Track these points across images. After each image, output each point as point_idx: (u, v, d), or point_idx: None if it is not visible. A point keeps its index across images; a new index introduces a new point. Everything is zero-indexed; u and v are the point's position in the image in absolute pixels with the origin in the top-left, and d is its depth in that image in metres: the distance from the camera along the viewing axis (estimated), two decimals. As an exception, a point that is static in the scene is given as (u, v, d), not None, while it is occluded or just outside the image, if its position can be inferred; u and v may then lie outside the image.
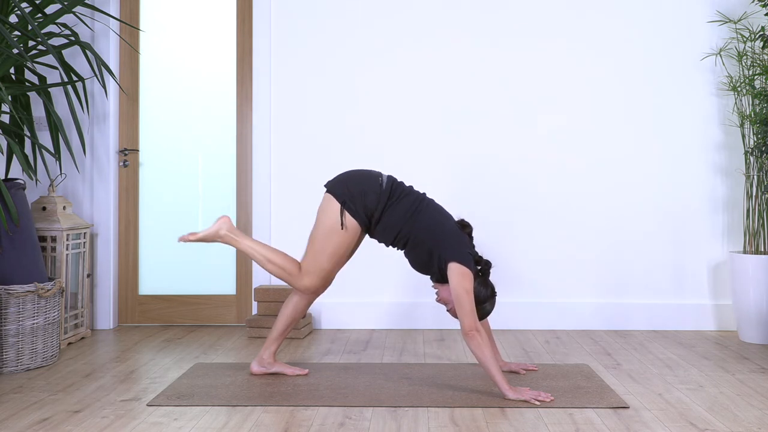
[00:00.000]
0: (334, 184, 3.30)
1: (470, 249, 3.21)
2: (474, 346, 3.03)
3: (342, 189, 3.26)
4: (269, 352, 3.45)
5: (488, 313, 3.24)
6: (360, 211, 3.23)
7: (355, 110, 4.62)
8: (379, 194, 3.24)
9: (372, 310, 4.60)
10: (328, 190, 3.30)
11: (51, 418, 2.84)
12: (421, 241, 3.21)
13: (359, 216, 3.24)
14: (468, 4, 4.60)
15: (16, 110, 3.96)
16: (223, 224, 3.34)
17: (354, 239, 3.28)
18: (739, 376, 3.44)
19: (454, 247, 3.16)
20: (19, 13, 3.90)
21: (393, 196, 3.26)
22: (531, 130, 4.59)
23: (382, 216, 3.24)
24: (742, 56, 4.36)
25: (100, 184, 4.61)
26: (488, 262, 3.24)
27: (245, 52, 4.71)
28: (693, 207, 4.58)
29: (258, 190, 4.63)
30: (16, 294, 3.54)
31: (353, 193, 3.24)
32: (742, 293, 4.23)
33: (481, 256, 3.24)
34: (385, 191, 3.26)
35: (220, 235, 3.33)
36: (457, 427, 2.73)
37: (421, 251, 3.23)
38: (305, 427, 2.72)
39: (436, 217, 3.24)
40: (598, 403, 2.98)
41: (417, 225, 3.21)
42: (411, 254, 3.27)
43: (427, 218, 3.22)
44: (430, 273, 3.27)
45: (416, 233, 3.21)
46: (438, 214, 3.25)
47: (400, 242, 3.27)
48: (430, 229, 3.20)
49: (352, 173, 3.33)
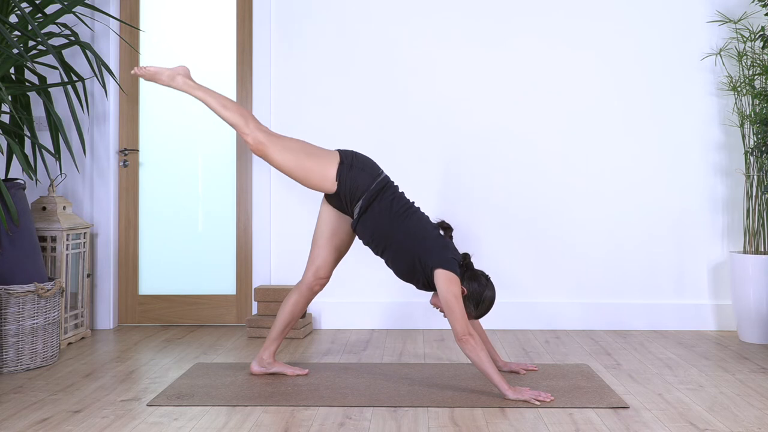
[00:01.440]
0: (345, 150, 3.33)
1: (454, 254, 3.20)
2: (468, 350, 3.03)
3: (349, 156, 3.29)
4: (269, 352, 3.45)
5: (492, 300, 3.21)
6: (346, 180, 3.23)
7: (355, 110, 4.62)
8: (374, 179, 3.25)
9: (372, 310, 4.61)
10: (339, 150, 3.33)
11: (51, 418, 2.84)
12: (404, 247, 3.19)
13: (343, 183, 3.22)
14: (467, 8, 4.60)
15: (16, 110, 3.96)
16: (183, 70, 3.30)
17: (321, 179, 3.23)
18: (739, 376, 3.44)
19: (439, 254, 3.15)
20: (19, 13, 3.90)
21: (386, 190, 3.26)
22: (531, 130, 4.59)
23: (369, 207, 3.22)
24: (742, 56, 4.36)
25: (100, 184, 4.61)
26: (466, 254, 3.23)
27: (245, 52, 4.71)
28: (693, 207, 4.58)
29: (258, 191, 4.63)
30: (16, 294, 3.54)
31: (354, 164, 3.26)
32: (742, 293, 4.23)
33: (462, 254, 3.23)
34: (380, 182, 3.26)
35: (173, 78, 3.27)
36: (457, 427, 2.73)
37: (404, 258, 3.21)
38: (305, 427, 2.72)
39: (422, 225, 3.23)
40: (598, 403, 2.98)
41: (402, 228, 3.20)
42: (394, 262, 3.25)
43: (413, 224, 3.22)
44: (415, 281, 3.25)
45: (400, 237, 3.19)
46: (424, 223, 3.25)
47: (378, 244, 3.25)
48: (415, 235, 3.19)
49: (361, 154, 3.36)
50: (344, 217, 3.37)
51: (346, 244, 3.43)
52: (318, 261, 3.41)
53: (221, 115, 3.24)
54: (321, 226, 3.41)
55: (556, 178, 4.59)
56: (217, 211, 4.73)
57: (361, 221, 3.25)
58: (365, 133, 4.61)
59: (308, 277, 3.42)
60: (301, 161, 3.22)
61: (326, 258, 3.41)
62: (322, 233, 3.40)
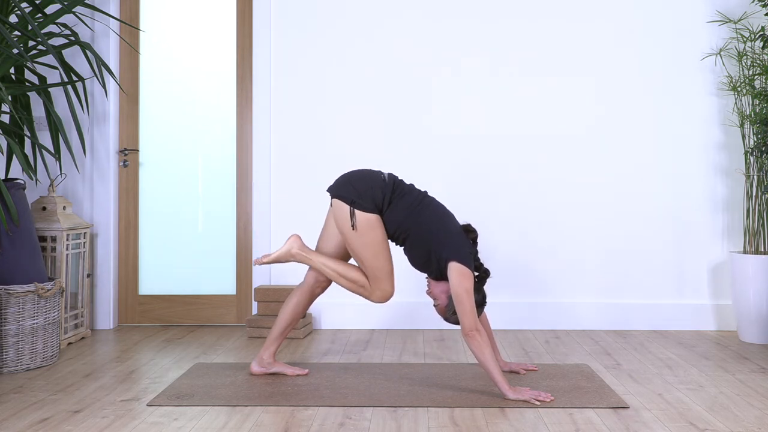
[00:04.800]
0: (338, 188, 3.28)
1: (471, 250, 3.21)
2: (474, 346, 3.04)
3: (347, 190, 3.25)
4: (269, 352, 3.45)
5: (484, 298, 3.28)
6: (370, 206, 3.23)
7: (355, 110, 4.62)
8: (383, 188, 3.26)
9: (372, 310, 4.60)
10: (334, 195, 3.28)
11: (51, 418, 2.84)
12: (422, 239, 3.21)
13: (371, 209, 3.24)
14: (467, 12, 4.60)
15: (16, 110, 3.96)
16: (294, 243, 3.36)
17: (382, 228, 3.28)
18: (739, 376, 3.44)
19: (455, 247, 3.16)
20: (19, 13, 3.90)
21: (396, 190, 3.27)
22: (531, 130, 4.59)
23: (386, 210, 3.25)
24: (742, 56, 4.36)
25: (100, 184, 4.61)
26: (487, 270, 3.28)
27: (245, 52, 4.71)
28: (693, 207, 4.58)
29: (258, 190, 4.63)
30: (16, 294, 3.54)
31: (359, 191, 3.24)
32: (742, 293, 4.23)
33: (482, 263, 3.27)
34: (389, 185, 3.27)
35: (292, 254, 3.35)
36: (457, 427, 2.72)
37: (421, 249, 3.23)
38: (305, 427, 2.72)
39: (439, 215, 3.24)
40: (598, 403, 2.98)
41: (419, 221, 3.22)
42: (411, 252, 3.27)
43: (429, 216, 3.23)
44: (429, 271, 3.28)
45: (417, 230, 3.21)
46: (440, 213, 3.26)
47: (399, 237, 3.28)
48: (432, 226, 3.21)
49: (353, 174, 3.33)
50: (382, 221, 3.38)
51: None
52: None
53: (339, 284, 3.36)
54: (326, 228, 3.42)
55: (556, 177, 4.59)
56: (217, 211, 4.73)
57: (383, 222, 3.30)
58: (366, 132, 4.61)
59: (310, 279, 3.43)
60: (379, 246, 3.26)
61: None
62: (326, 236, 3.41)
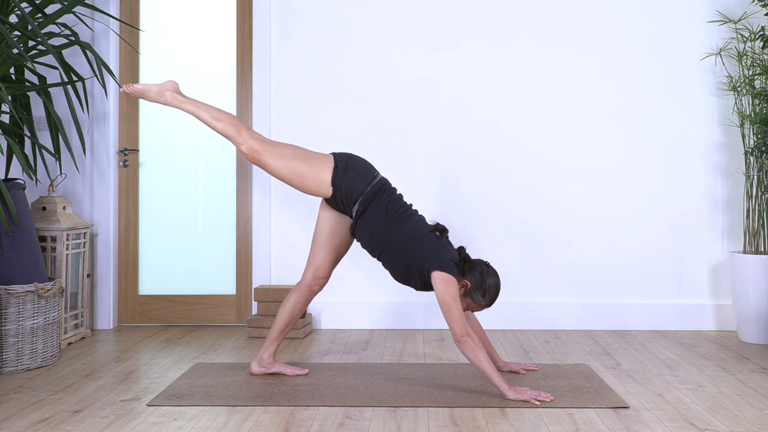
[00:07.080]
0: (340, 154, 3.32)
1: (450, 254, 3.19)
2: (468, 351, 3.04)
3: (344, 159, 3.28)
4: (269, 352, 3.45)
5: (498, 285, 3.23)
6: (341, 184, 3.22)
7: (355, 110, 4.62)
8: (369, 183, 3.24)
9: (372, 310, 4.61)
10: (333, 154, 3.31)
11: (51, 418, 2.84)
12: (401, 249, 3.19)
13: (338, 187, 3.22)
14: (467, 10, 4.60)
15: (16, 110, 3.96)
16: (171, 85, 3.29)
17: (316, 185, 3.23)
18: (739, 376, 3.44)
19: (436, 256, 3.15)
20: (19, 13, 3.90)
21: (382, 193, 3.25)
22: (531, 130, 4.59)
23: (365, 210, 3.22)
24: (742, 56, 4.36)
25: (100, 184, 4.61)
26: (461, 248, 3.25)
27: (245, 52, 4.71)
28: (693, 207, 4.58)
29: (258, 191, 4.63)
30: (16, 294, 3.54)
31: (349, 168, 3.25)
32: (742, 293, 4.23)
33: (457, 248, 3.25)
34: (377, 185, 3.25)
35: (165, 98, 3.26)
36: (457, 427, 2.73)
37: (400, 261, 3.20)
38: (305, 427, 2.72)
39: (418, 227, 3.22)
40: (598, 403, 2.98)
41: (398, 231, 3.19)
42: (391, 265, 3.25)
43: (409, 227, 3.21)
44: (412, 283, 3.25)
45: (396, 240, 3.19)
46: (420, 225, 3.23)
47: (376, 247, 3.24)
48: (411, 237, 3.18)
49: (357, 156, 3.35)
50: (343, 218, 3.37)
51: (345, 244, 3.43)
52: (317, 261, 3.41)
53: (213, 127, 3.24)
54: (320, 226, 3.41)
55: (556, 177, 4.59)
56: (217, 211, 4.73)
57: (358, 225, 3.25)
58: (366, 132, 4.61)
59: (307, 277, 3.43)
60: (295, 167, 3.21)
61: (325, 258, 3.41)
62: (322, 233, 3.41)
